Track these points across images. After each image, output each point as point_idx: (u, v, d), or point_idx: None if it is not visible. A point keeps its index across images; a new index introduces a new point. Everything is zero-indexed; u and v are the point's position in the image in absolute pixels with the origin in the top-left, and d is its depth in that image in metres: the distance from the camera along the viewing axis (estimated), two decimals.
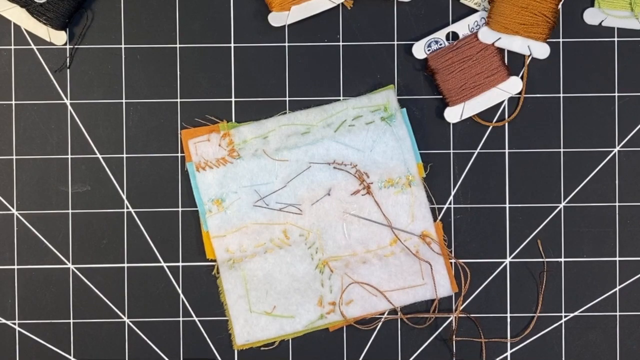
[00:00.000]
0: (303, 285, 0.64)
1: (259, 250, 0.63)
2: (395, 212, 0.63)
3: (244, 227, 0.63)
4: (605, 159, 0.65)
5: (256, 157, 0.63)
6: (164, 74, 0.64)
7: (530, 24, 0.63)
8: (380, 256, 0.63)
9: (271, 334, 0.64)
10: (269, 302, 0.64)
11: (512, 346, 0.65)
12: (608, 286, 0.65)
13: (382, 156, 0.63)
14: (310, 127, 0.63)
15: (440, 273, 0.64)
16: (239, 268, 0.64)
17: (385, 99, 0.63)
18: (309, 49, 0.64)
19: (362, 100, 0.63)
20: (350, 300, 0.63)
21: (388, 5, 0.64)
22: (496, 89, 0.64)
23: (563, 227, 0.65)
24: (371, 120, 0.63)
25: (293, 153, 0.63)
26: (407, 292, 0.64)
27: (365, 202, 0.63)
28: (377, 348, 0.65)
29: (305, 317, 0.64)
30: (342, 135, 0.63)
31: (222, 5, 0.64)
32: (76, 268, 0.64)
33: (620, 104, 0.65)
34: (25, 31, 0.64)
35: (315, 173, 0.63)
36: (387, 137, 0.63)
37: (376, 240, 0.63)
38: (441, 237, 0.64)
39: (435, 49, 0.64)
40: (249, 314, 0.64)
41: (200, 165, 0.63)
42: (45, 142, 0.64)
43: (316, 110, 0.63)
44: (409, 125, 0.63)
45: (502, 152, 0.65)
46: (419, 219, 0.63)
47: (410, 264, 0.63)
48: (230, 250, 0.63)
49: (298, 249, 0.63)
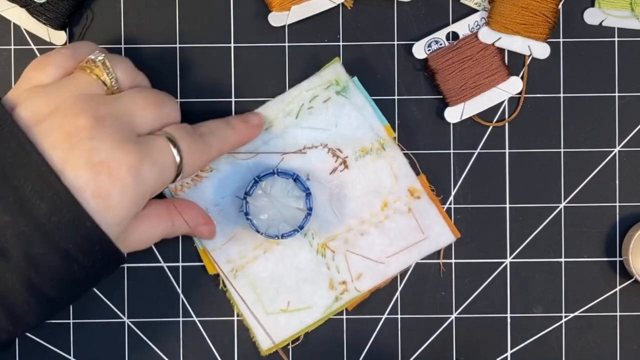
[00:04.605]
0: (310, 273, 0.64)
1: (258, 253, 0.63)
2: (377, 178, 0.63)
3: (237, 234, 0.63)
4: (606, 159, 0.65)
5: (228, 165, 0.63)
6: (164, 74, 0.64)
7: (530, 24, 0.63)
8: (376, 224, 0.63)
9: (293, 330, 0.64)
10: (282, 300, 0.64)
11: (512, 346, 0.65)
12: (608, 286, 0.65)
13: (348, 129, 0.63)
14: (271, 121, 0.63)
15: (438, 222, 0.63)
16: (244, 275, 0.64)
17: (334, 73, 0.63)
18: (309, 49, 0.64)
19: (313, 81, 0.63)
20: (359, 274, 0.63)
21: (388, 5, 0.64)
22: (496, 89, 0.64)
23: (563, 227, 0.65)
24: (327, 97, 0.63)
25: (262, 149, 0.63)
26: (411, 251, 0.64)
27: (346, 177, 0.63)
28: (377, 348, 0.65)
29: (322, 304, 0.64)
30: (305, 120, 0.63)
31: (222, 5, 0.64)
32: None
33: (621, 104, 0.65)
34: (25, 31, 0.64)
35: (290, 163, 0.63)
36: (348, 109, 0.63)
37: (367, 210, 0.63)
38: (428, 188, 0.63)
39: (435, 49, 0.64)
40: (266, 316, 0.64)
41: (176, 189, 0.63)
42: None
43: (273, 103, 0.64)
44: (364, 91, 0.63)
45: (502, 152, 0.65)
46: (401, 177, 0.63)
47: (406, 223, 0.63)
48: (231, 260, 0.63)
49: (295, 240, 0.63)
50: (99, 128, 0.51)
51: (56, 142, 0.50)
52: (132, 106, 0.54)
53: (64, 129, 0.51)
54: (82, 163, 0.50)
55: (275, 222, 0.62)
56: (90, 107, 0.52)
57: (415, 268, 0.65)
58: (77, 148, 0.50)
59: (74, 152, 0.50)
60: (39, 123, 0.51)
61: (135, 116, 0.54)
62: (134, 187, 0.51)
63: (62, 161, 0.50)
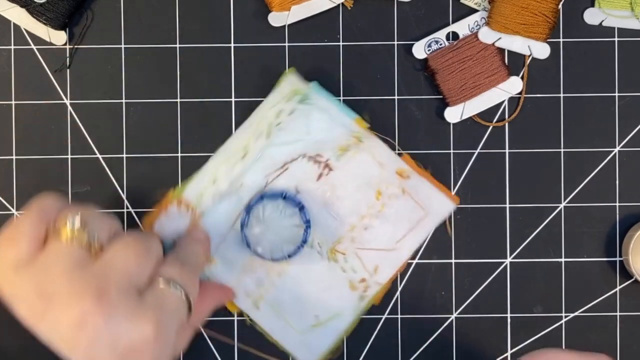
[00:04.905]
0: (328, 281, 0.64)
1: (273, 278, 0.63)
2: (363, 171, 0.63)
3: (246, 265, 0.63)
4: (606, 159, 0.65)
5: (219, 202, 0.63)
6: (164, 74, 0.64)
7: (530, 24, 0.63)
8: (376, 214, 0.63)
9: (331, 340, 0.64)
10: (309, 316, 0.64)
11: (512, 346, 0.65)
12: (608, 286, 0.65)
13: (321, 133, 0.63)
14: (245, 148, 0.63)
15: (434, 194, 0.64)
16: (265, 304, 0.64)
17: (291, 85, 0.63)
18: (309, 49, 0.64)
19: (273, 98, 0.63)
20: (375, 267, 0.64)
21: (388, 5, 0.64)
22: (496, 89, 0.64)
23: (563, 227, 0.65)
24: (292, 109, 0.63)
25: (247, 178, 0.63)
26: (417, 229, 0.64)
27: (333, 178, 0.63)
28: (377, 348, 0.65)
29: (349, 307, 0.64)
30: (277, 137, 0.63)
31: (222, 5, 0.64)
32: None
33: (621, 104, 0.65)
34: (25, 31, 0.64)
35: (276, 183, 0.63)
36: (315, 115, 0.63)
37: (363, 204, 0.63)
38: (414, 165, 0.63)
39: (435, 49, 0.64)
40: (300, 336, 0.64)
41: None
42: (45, 142, 0.64)
43: (241, 130, 0.63)
44: (326, 93, 0.63)
45: (502, 152, 0.65)
46: (386, 163, 0.63)
47: (404, 204, 0.63)
48: (249, 293, 0.63)
49: (304, 255, 0.63)
50: (107, 306, 0.46)
51: (69, 339, 0.46)
52: (126, 263, 0.49)
53: (71, 320, 0.46)
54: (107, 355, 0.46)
55: (278, 245, 0.62)
56: (88, 284, 0.47)
57: (415, 268, 0.65)
58: (96, 340, 0.46)
59: (96, 346, 0.46)
60: (41, 319, 0.46)
61: (132, 274, 0.49)
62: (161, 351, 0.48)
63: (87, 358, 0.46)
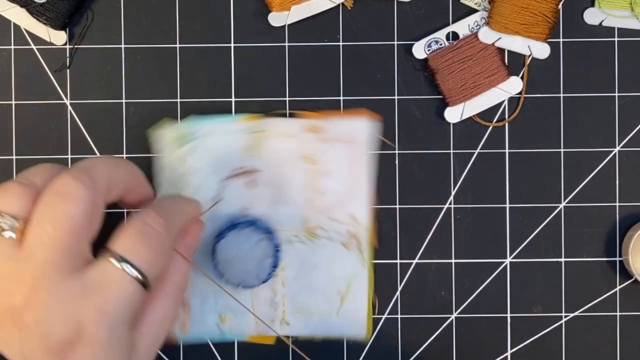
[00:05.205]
0: (325, 257, 0.63)
1: (281, 289, 0.63)
2: (282, 151, 0.62)
3: (255, 290, 0.63)
4: (606, 159, 0.65)
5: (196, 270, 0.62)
6: (164, 74, 0.64)
7: (530, 24, 0.63)
8: (320, 177, 0.63)
9: (364, 302, 0.63)
10: (333, 295, 0.63)
11: (512, 346, 0.65)
12: (608, 286, 0.65)
13: (223, 151, 0.62)
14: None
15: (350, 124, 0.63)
16: (291, 315, 0.63)
17: (170, 135, 0.62)
18: (309, 49, 0.64)
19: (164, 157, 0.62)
20: (350, 216, 0.63)
21: (388, 5, 0.64)
22: (496, 89, 0.64)
23: (563, 227, 0.65)
24: (184, 152, 0.62)
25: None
26: (359, 161, 0.63)
27: (264, 177, 0.62)
28: (377, 348, 0.65)
29: (357, 264, 0.63)
30: (196, 161, 0.62)
31: (222, 5, 0.64)
32: None
33: (621, 104, 0.65)
34: (25, 31, 0.64)
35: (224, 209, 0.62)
36: (207, 141, 0.62)
37: (302, 175, 0.63)
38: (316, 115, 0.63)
39: (435, 49, 0.64)
40: (338, 317, 0.63)
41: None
42: (45, 142, 0.64)
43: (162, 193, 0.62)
44: (199, 120, 0.62)
45: (502, 152, 0.65)
46: (295, 131, 0.62)
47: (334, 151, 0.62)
48: (273, 318, 0.63)
49: (292, 252, 0.63)
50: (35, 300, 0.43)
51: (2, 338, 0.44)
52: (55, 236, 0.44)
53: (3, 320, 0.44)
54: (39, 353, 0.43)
55: (250, 272, 0.62)
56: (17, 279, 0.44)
57: (415, 268, 0.65)
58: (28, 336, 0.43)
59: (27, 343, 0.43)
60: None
61: (64, 249, 0.44)
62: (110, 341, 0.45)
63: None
